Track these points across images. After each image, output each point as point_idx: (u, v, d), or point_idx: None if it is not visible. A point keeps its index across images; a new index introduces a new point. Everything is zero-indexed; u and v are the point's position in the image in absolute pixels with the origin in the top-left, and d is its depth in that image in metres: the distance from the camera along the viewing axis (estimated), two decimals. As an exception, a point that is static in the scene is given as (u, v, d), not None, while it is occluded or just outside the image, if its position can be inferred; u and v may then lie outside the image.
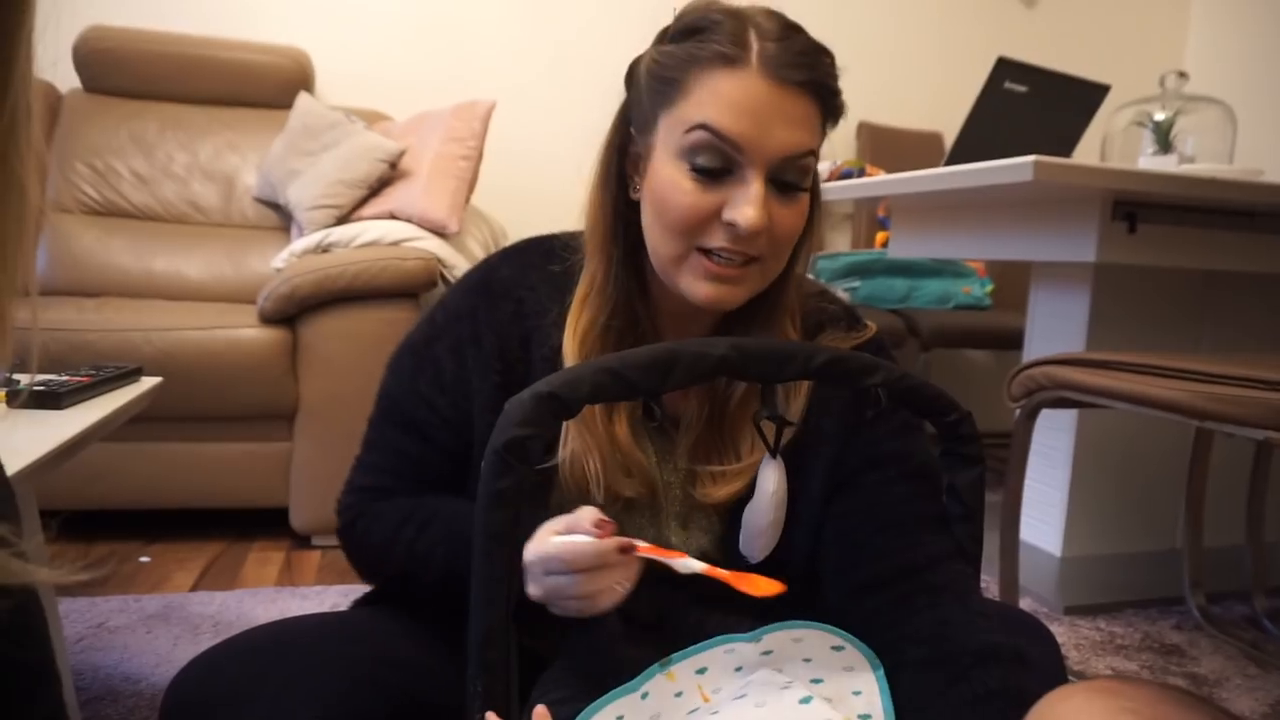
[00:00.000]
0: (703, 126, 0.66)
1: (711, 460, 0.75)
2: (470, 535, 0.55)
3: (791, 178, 0.68)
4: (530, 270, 0.77)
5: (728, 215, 0.67)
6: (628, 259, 0.74)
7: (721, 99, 0.66)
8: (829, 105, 0.70)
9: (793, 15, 0.70)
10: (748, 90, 0.65)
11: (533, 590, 0.62)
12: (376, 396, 0.80)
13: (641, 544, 0.62)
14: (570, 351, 0.72)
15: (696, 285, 0.69)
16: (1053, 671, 0.70)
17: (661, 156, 0.69)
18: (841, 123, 0.73)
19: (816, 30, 0.70)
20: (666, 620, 0.70)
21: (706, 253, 0.68)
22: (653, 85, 0.70)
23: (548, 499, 0.73)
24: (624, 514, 0.75)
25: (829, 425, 0.74)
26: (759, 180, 0.66)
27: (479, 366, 0.74)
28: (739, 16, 0.68)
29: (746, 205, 0.66)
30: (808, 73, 0.66)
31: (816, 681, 0.61)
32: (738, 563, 0.70)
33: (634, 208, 0.74)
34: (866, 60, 3.12)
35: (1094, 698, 0.48)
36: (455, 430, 0.75)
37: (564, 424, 0.71)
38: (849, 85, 0.71)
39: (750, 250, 0.68)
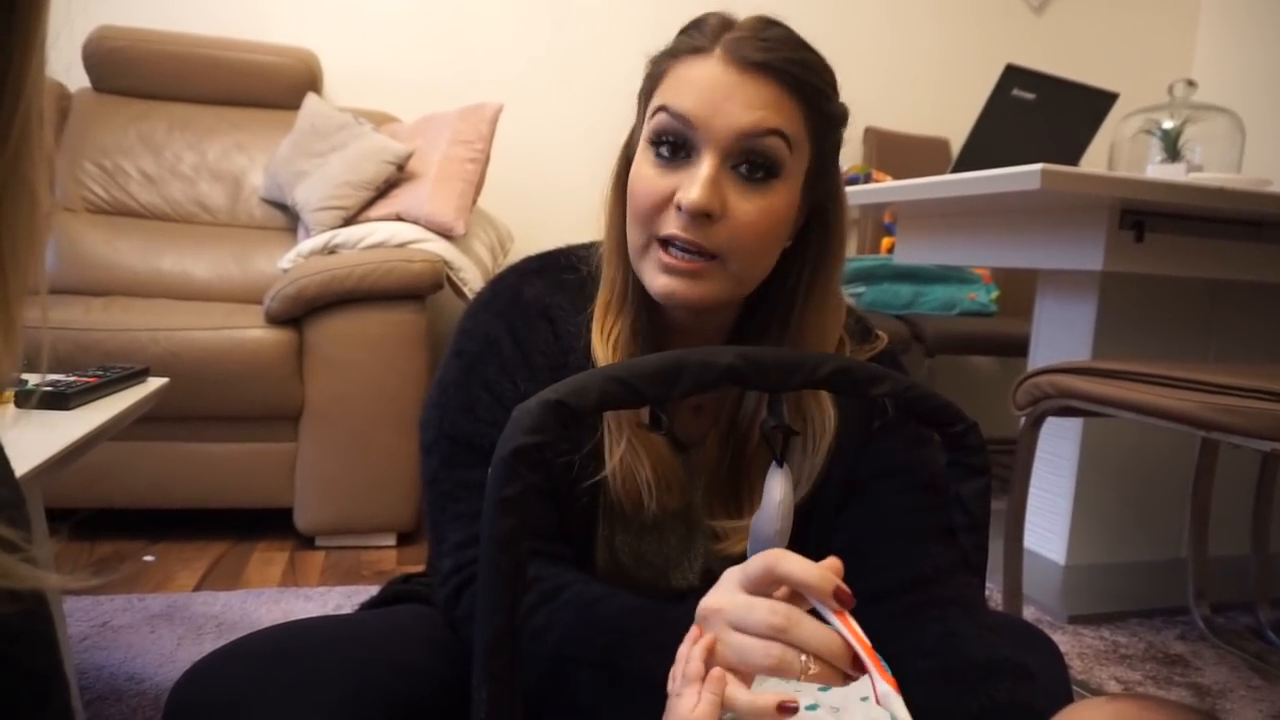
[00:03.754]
0: (662, 108, 0.67)
1: (730, 514, 0.75)
2: (601, 623, 0.54)
3: (757, 161, 0.66)
4: (556, 289, 0.76)
5: (677, 197, 0.66)
6: None
7: (681, 81, 0.67)
8: (805, 95, 0.67)
9: (801, 19, 0.69)
10: (706, 72, 0.66)
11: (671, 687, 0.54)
12: (425, 449, 0.73)
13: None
14: (605, 360, 0.71)
15: (655, 278, 0.68)
16: (1056, 683, 0.70)
17: (639, 149, 0.70)
18: (848, 127, 0.72)
19: (823, 35, 0.70)
20: None
21: (665, 245, 0.67)
22: (643, 86, 0.72)
23: (597, 513, 0.73)
24: (657, 531, 0.75)
25: (846, 438, 0.74)
26: (711, 161, 0.65)
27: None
28: (726, 18, 0.69)
29: (692, 185, 0.65)
30: (767, 55, 0.65)
31: (824, 689, 0.61)
32: None
33: None
34: (874, 65, 3.12)
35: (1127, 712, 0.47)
36: None
37: (610, 433, 0.70)
38: (856, 90, 0.70)
39: (704, 242, 0.66)
